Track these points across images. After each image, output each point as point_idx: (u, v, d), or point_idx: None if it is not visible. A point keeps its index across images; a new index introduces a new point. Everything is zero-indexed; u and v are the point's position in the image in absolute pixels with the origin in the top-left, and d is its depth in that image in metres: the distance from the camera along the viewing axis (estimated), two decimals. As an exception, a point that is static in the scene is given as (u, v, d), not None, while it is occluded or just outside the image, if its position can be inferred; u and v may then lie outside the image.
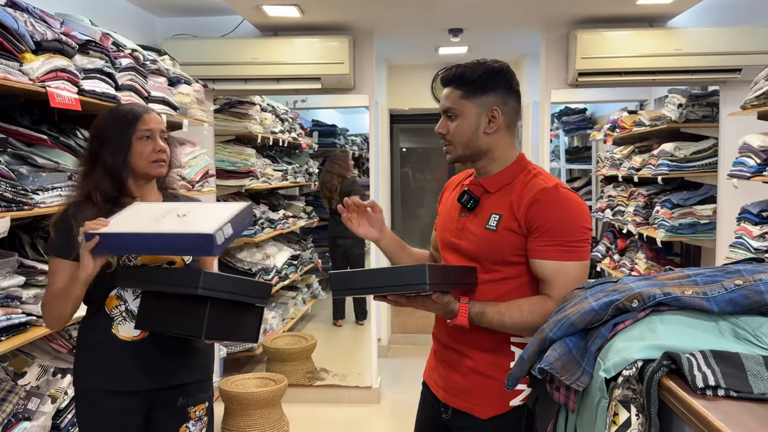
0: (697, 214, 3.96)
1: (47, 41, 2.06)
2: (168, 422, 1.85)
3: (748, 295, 1.12)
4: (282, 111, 5.06)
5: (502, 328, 1.58)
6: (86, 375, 1.81)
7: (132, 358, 1.77)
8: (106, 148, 1.78)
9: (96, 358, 1.78)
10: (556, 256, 1.56)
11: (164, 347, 1.80)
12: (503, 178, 1.67)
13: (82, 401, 1.81)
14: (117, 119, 1.81)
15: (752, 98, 2.98)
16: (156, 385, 1.81)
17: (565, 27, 3.87)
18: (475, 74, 1.64)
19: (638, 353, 1.11)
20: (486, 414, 1.65)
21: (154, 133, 1.82)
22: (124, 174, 1.79)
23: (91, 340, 1.80)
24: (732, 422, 0.86)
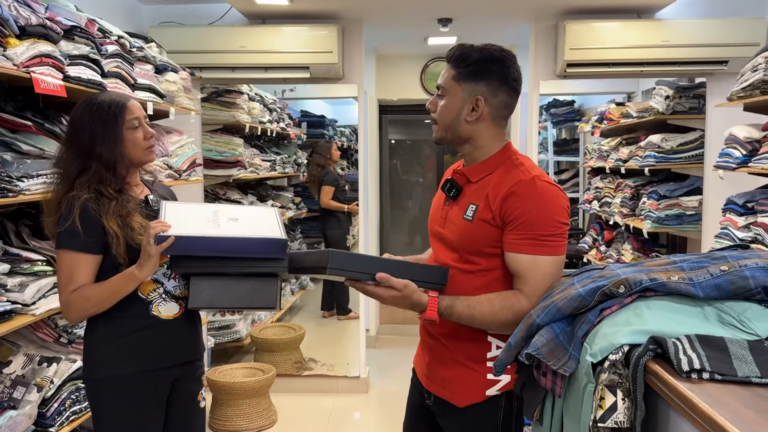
0: (684, 206, 3.99)
1: (31, 26, 2.03)
2: (189, 393, 1.98)
3: (733, 280, 1.14)
4: (270, 101, 5.03)
5: (472, 321, 1.57)
6: (118, 362, 1.83)
7: (171, 335, 1.89)
8: (99, 142, 1.80)
9: (133, 342, 1.84)
10: (529, 250, 1.53)
11: (191, 323, 1.95)
12: (485, 167, 1.64)
13: (110, 389, 1.84)
14: (102, 111, 1.82)
15: (739, 90, 3.00)
16: (186, 358, 1.95)
17: (554, 18, 3.87)
18: (472, 58, 1.59)
19: (624, 338, 1.12)
20: (463, 402, 1.66)
21: (140, 120, 1.87)
22: (124, 166, 1.84)
23: (126, 325, 1.84)
24: (716, 404, 0.87)
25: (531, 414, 1.40)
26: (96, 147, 1.80)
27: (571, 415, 1.26)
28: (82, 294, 1.77)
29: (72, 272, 1.77)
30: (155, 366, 1.87)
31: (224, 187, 4.40)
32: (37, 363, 2.26)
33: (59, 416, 2.22)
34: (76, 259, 1.77)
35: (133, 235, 1.78)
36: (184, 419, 1.99)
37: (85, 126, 1.82)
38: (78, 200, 1.76)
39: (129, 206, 1.81)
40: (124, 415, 1.85)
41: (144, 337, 1.85)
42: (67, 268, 1.77)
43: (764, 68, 2.83)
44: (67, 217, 1.75)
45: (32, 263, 2.12)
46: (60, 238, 1.77)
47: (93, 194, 1.79)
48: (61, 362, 2.28)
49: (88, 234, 1.75)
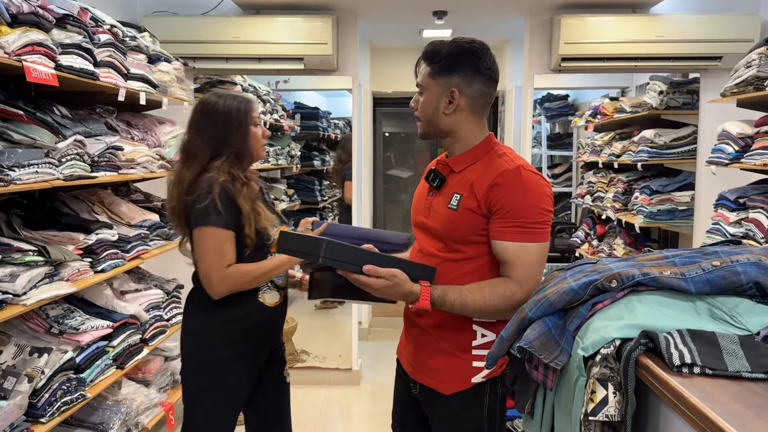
0: (676, 201, 4.00)
1: (23, 14, 2.01)
2: (278, 370, 2.25)
3: (724, 275, 1.14)
4: (264, 92, 5.00)
5: (464, 310, 1.58)
6: (228, 343, 2.04)
7: (272, 320, 2.13)
8: (233, 132, 2.01)
9: (242, 325, 2.04)
10: (516, 238, 1.56)
11: (285, 311, 2.18)
12: (468, 158, 1.68)
13: (216, 371, 2.04)
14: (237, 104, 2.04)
15: (732, 86, 3.00)
16: (280, 342, 2.24)
17: (549, 12, 3.86)
18: (442, 53, 1.62)
19: (616, 332, 1.13)
20: (449, 390, 1.69)
21: (259, 120, 2.10)
22: (248, 157, 2.07)
23: (239, 310, 2.03)
24: (707, 398, 0.88)
25: (522, 407, 1.41)
26: (230, 135, 2.00)
27: (563, 408, 1.27)
28: (242, 270, 1.96)
29: (221, 248, 1.93)
30: (259, 347, 2.12)
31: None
32: (28, 353, 2.25)
33: (50, 407, 2.21)
34: (222, 235, 1.93)
35: (259, 219, 1.99)
36: (275, 393, 2.26)
37: (220, 116, 2.01)
38: (217, 182, 1.93)
39: (254, 193, 2.05)
40: (223, 394, 2.06)
41: (251, 321, 2.06)
42: (216, 245, 1.93)
43: (758, 64, 2.84)
44: (206, 195, 1.91)
45: (24, 253, 2.11)
46: (202, 215, 1.91)
47: (228, 178, 1.96)
48: (53, 353, 2.27)
49: (228, 212, 1.92)
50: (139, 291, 3.01)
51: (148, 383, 3.09)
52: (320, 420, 3.72)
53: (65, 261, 2.30)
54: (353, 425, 3.81)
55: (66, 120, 2.39)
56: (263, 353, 2.16)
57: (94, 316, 2.59)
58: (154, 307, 3.02)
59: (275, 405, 2.28)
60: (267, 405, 2.27)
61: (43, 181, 2.14)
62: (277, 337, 2.22)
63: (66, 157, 2.29)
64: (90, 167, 2.45)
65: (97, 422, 2.67)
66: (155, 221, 3.02)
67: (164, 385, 3.23)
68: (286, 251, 1.71)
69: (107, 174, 2.57)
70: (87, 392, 2.40)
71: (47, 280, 2.20)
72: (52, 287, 2.20)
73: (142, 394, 2.93)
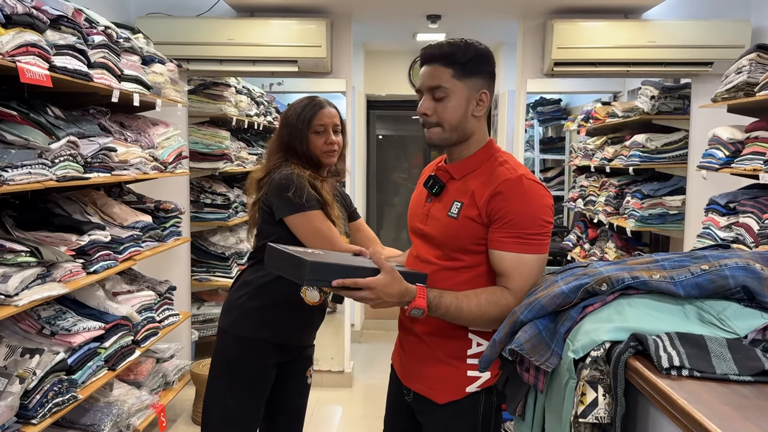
0: (667, 205, 4.03)
1: (17, 15, 2.01)
2: (302, 369, 2.31)
3: (713, 279, 1.16)
4: (257, 94, 5.01)
5: (459, 315, 1.55)
6: (260, 327, 2.13)
7: (307, 318, 2.19)
8: (293, 138, 2.14)
9: (276, 314, 2.13)
10: (515, 248, 1.53)
11: (322, 312, 2.23)
12: (469, 164, 1.65)
13: (247, 349, 2.14)
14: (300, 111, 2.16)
15: (723, 91, 3.04)
16: (310, 342, 2.31)
17: (542, 16, 3.89)
18: (467, 54, 1.57)
19: (606, 335, 1.14)
20: (443, 399, 1.66)
21: (326, 128, 2.14)
22: (312, 161, 2.14)
23: (281, 297, 2.10)
24: (695, 400, 0.89)
25: (514, 409, 1.42)
26: (292, 142, 2.14)
27: (553, 410, 1.28)
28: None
29: (329, 228, 2.04)
30: (287, 341, 2.18)
31: (210, 180, 4.38)
32: (20, 354, 2.24)
33: (41, 408, 2.21)
34: (322, 216, 2.05)
35: (334, 212, 2.08)
36: (293, 392, 2.31)
37: (287, 121, 2.16)
38: (296, 176, 2.05)
39: (332, 188, 2.19)
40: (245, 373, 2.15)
41: (286, 312, 2.13)
42: (325, 227, 2.04)
43: (748, 70, 2.87)
44: (300, 187, 2.02)
45: (16, 254, 2.10)
46: (298, 203, 2.02)
47: (307, 173, 2.09)
48: (44, 354, 2.27)
49: (317, 198, 2.04)
50: (132, 292, 3.00)
51: (139, 385, 3.09)
52: (313, 423, 3.72)
53: (58, 262, 2.29)
54: (346, 427, 3.81)
55: (59, 121, 2.39)
56: (290, 348, 2.21)
57: (86, 317, 2.58)
58: (147, 308, 3.02)
59: (291, 402, 2.33)
60: (283, 401, 2.31)
61: (36, 182, 2.14)
62: (307, 336, 2.27)
63: (59, 158, 2.29)
64: (83, 168, 2.44)
65: (89, 424, 2.67)
66: (148, 222, 3.02)
67: (156, 387, 3.23)
68: (272, 268, 1.62)
69: (100, 175, 2.57)
70: (79, 394, 2.40)
71: (39, 281, 2.20)
72: (45, 288, 2.20)
73: (133, 396, 2.93)
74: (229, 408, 2.17)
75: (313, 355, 2.37)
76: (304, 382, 2.34)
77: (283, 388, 2.29)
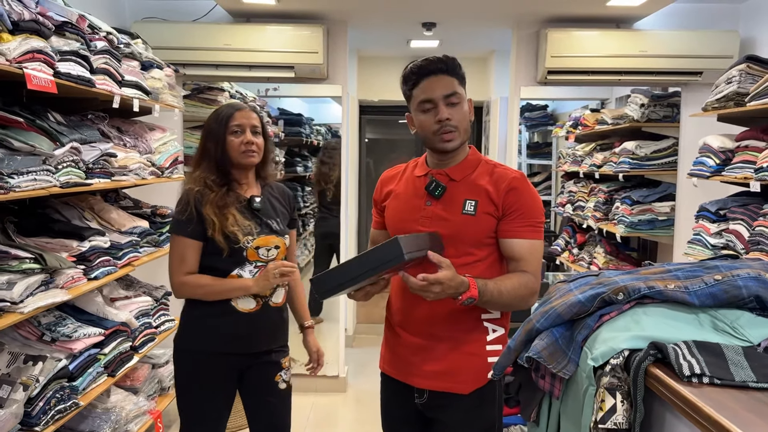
0: (656, 211, 4.11)
1: (24, 21, 2.00)
2: (265, 375, 2.24)
3: (726, 289, 1.20)
4: (250, 98, 5.00)
5: (499, 300, 1.66)
6: (198, 338, 2.15)
7: (246, 326, 2.14)
8: (210, 141, 2.15)
9: (212, 325, 2.13)
10: (529, 235, 1.72)
11: (268, 318, 2.19)
12: (466, 167, 1.79)
13: (187, 360, 2.16)
14: (217, 116, 2.18)
15: (713, 101, 3.10)
16: (259, 348, 2.20)
17: (536, 25, 3.94)
18: (460, 67, 1.77)
19: (625, 343, 1.17)
20: (468, 389, 1.75)
21: (243, 128, 2.14)
22: (229, 164, 2.14)
23: (208, 310, 2.13)
24: (720, 407, 0.93)
25: (528, 415, 1.45)
26: (209, 145, 2.15)
27: (569, 417, 1.31)
28: (197, 281, 2.11)
29: (183, 256, 2.10)
30: (228, 350, 2.14)
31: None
32: (22, 361, 2.23)
33: (44, 415, 2.19)
34: (185, 243, 2.09)
35: (227, 224, 2.07)
36: (263, 399, 2.25)
37: (204, 128, 2.19)
38: (189, 193, 2.10)
39: (228, 200, 2.11)
40: (194, 384, 2.16)
41: (221, 322, 2.13)
42: (179, 253, 2.11)
43: (738, 81, 2.94)
44: (179, 205, 2.10)
45: (20, 261, 2.10)
46: (173, 224, 2.12)
47: (201, 186, 2.11)
48: (47, 361, 2.26)
49: (193, 222, 2.07)
50: (129, 298, 3.00)
51: (136, 391, 3.08)
52: (308, 427, 3.72)
53: (61, 268, 2.28)
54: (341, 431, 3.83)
55: (62, 126, 2.38)
56: (236, 355, 2.17)
57: (85, 323, 2.57)
58: (144, 314, 3.01)
59: (265, 410, 2.27)
60: (257, 409, 2.28)
61: (40, 188, 2.13)
62: (254, 343, 2.19)
63: (62, 164, 2.28)
64: (84, 174, 2.44)
65: (87, 430, 2.66)
66: (145, 228, 3.01)
67: (152, 393, 3.21)
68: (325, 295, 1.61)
69: (101, 181, 2.56)
70: (80, 400, 2.39)
71: (43, 287, 2.19)
72: (48, 295, 2.19)
73: (131, 402, 2.92)
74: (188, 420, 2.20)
75: (283, 360, 2.29)
76: (275, 389, 2.26)
77: (250, 397, 2.27)
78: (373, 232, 2.00)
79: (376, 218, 1.97)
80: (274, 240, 2.18)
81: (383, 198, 1.91)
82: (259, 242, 2.14)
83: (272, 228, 2.20)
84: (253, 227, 2.14)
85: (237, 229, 2.08)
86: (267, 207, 2.23)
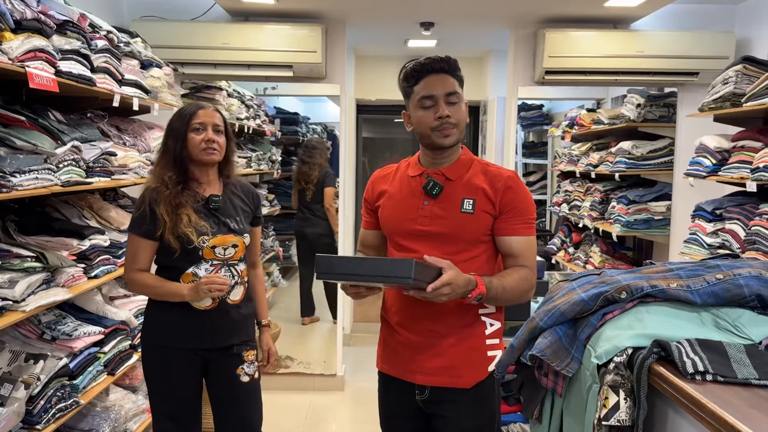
0: (652, 211, 4.13)
1: (26, 20, 2.00)
2: (227, 368, 2.26)
3: (728, 288, 1.22)
4: (248, 97, 5.01)
5: (503, 296, 1.70)
6: (157, 334, 2.21)
7: (202, 323, 2.18)
8: (171, 138, 2.17)
9: (170, 321, 2.18)
10: (525, 232, 1.77)
11: (225, 315, 2.21)
12: (460, 167, 1.82)
13: (153, 355, 2.22)
14: (179, 114, 2.21)
15: (710, 101, 3.13)
16: (217, 344, 2.23)
17: (533, 25, 3.96)
18: (460, 69, 1.81)
19: (628, 341, 1.19)
20: (470, 383, 1.78)
21: (205, 126, 2.17)
22: (189, 161, 2.17)
23: (166, 308, 2.18)
24: (724, 404, 0.94)
25: (531, 412, 1.47)
26: (169, 143, 2.17)
27: (572, 414, 1.33)
28: (143, 281, 2.17)
29: (135, 254, 2.16)
30: (189, 345, 2.19)
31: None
32: (23, 360, 2.23)
33: (45, 413, 2.20)
34: (138, 242, 2.15)
35: (180, 225, 2.10)
36: (225, 391, 2.29)
37: (170, 124, 2.21)
38: (146, 191, 2.14)
39: (182, 199, 2.13)
40: (158, 377, 2.22)
41: (179, 319, 2.18)
42: (132, 251, 2.17)
43: (734, 81, 2.97)
44: (136, 204, 2.15)
45: (22, 259, 2.10)
46: (130, 222, 2.18)
47: (157, 185, 2.13)
48: (48, 359, 2.26)
49: (147, 221, 2.11)
50: (128, 296, 2.99)
51: (135, 389, 3.08)
52: (306, 426, 3.73)
53: (62, 267, 2.29)
54: (339, 430, 3.84)
55: (62, 125, 2.38)
56: (198, 350, 2.21)
57: (85, 322, 2.58)
58: (142, 312, 3.00)
59: (229, 403, 2.30)
60: (220, 402, 2.31)
61: (42, 187, 2.13)
62: (215, 338, 2.21)
63: (63, 163, 2.29)
64: (85, 173, 2.44)
65: (87, 429, 2.66)
66: (145, 227, 3.01)
67: (151, 392, 3.22)
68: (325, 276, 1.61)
69: (101, 180, 2.56)
70: (80, 399, 2.39)
71: (44, 286, 2.19)
72: (50, 293, 2.20)
73: (129, 401, 2.92)
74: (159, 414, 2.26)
75: (245, 353, 2.29)
76: (237, 381, 2.27)
77: (213, 390, 2.32)
78: (363, 232, 1.99)
79: (367, 218, 1.96)
80: (232, 239, 2.20)
81: (375, 198, 1.91)
82: (216, 242, 2.16)
83: (230, 227, 2.22)
84: (209, 227, 2.16)
85: (190, 230, 2.10)
86: (227, 206, 2.24)
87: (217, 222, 2.19)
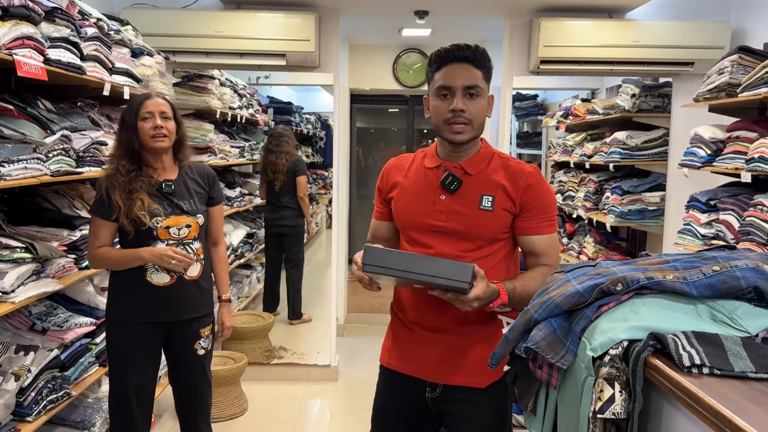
0: (646, 201, 4.13)
1: (14, 7, 1.97)
2: (185, 341, 2.41)
3: (725, 280, 1.20)
4: (240, 86, 4.97)
5: (528, 298, 1.59)
6: (120, 310, 2.33)
7: (161, 298, 2.31)
8: (123, 128, 2.29)
9: (131, 298, 2.31)
10: (548, 230, 1.74)
11: (183, 290, 2.34)
12: (479, 161, 1.74)
13: (117, 330, 2.33)
14: (129, 104, 2.33)
15: (705, 91, 3.12)
16: (175, 318, 2.36)
17: (528, 14, 3.93)
18: (489, 61, 1.71)
19: (624, 333, 1.18)
20: (484, 383, 1.75)
21: (153, 114, 2.28)
22: (141, 149, 2.29)
23: (128, 285, 2.31)
24: (721, 397, 0.93)
25: (525, 405, 1.45)
26: (122, 132, 2.30)
27: (567, 406, 1.32)
28: (104, 255, 2.29)
29: (96, 233, 2.29)
30: (148, 319, 2.32)
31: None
32: (14, 351, 2.22)
33: (36, 405, 2.19)
34: (98, 223, 2.28)
35: (134, 208, 2.23)
36: (183, 363, 2.44)
37: (122, 116, 2.32)
38: (103, 178, 2.30)
39: (136, 184, 2.26)
40: (122, 350, 2.32)
41: (138, 295, 2.30)
42: (93, 230, 2.30)
43: (730, 71, 2.96)
44: (97, 192, 2.27)
45: (12, 250, 2.08)
46: (92, 205, 2.31)
47: (114, 172, 2.27)
48: (39, 351, 2.24)
49: (105, 204, 2.24)
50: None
51: (127, 380, 3.06)
52: (299, 417, 3.73)
53: (52, 258, 2.27)
54: (334, 420, 3.84)
55: (52, 114, 2.35)
56: (158, 324, 2.34)
57: (76, 313, 2.56)
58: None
59: (185, 375, 2.46)
60: (179, 375, 2.47)
61: (31, 177, 2.11)
62: (173, 312, 2.35)
63: (52, 153, 2.26)
64: (75, 162, 2.41)
65: (78, 420, 2.65)
66: (137, 217, 2.98)
67: (144, 383, 3.20)
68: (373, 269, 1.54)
69: (92, 169, 2.54)
70: (71, 390, 2.38)
71: (34, 277, 2.18)
72: (40, 284, 2.18)
73: (122, 392, 2.90)
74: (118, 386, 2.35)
75: (203, 329, 2.45)
76: (193, 354, 2.43)
77: (171, 361, 2.47)
78: (375, 222, 1.93)
79: (380, 208, 1.90)
80: (185, 220, 2.34)
81: (389, 189, 1.85)
82: (169, 222, 2.30)
83: (183, 209, 2.35)
84: (163, 209, 2.29)
85: (143, 213, 2.24)
86: (180, 189, 2.37)
87: (170, 204, 2.32)
